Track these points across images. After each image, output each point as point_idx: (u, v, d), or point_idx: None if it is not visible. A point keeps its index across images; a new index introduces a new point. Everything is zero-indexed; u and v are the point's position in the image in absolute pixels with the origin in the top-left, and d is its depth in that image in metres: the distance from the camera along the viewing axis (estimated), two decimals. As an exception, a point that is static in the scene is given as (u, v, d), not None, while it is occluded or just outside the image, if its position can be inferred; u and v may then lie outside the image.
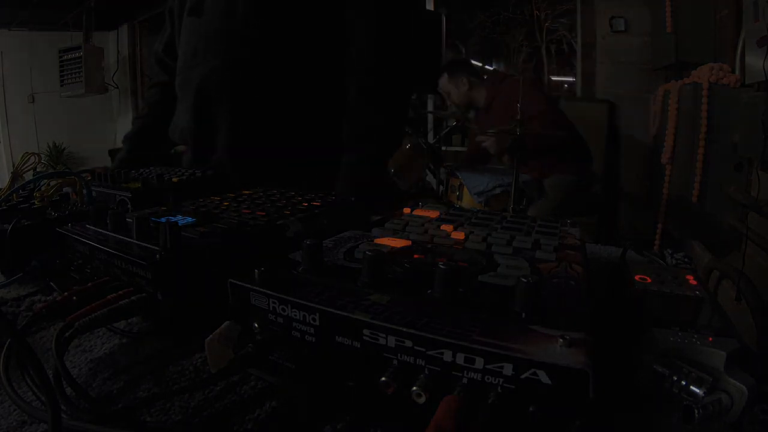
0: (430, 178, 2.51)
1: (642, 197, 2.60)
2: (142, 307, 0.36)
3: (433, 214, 0.49)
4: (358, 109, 0.84)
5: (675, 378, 0.26)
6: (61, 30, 3.86)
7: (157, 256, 0.36)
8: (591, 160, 2.15)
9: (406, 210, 0.51)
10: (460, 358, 0.24)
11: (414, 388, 0.24)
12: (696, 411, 0.25)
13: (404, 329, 0.25)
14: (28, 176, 0.72)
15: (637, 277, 0.37)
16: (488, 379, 0.23)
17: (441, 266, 0.28)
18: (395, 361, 0.25)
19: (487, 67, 4.20)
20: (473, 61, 3.13)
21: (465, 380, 0.24)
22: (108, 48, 4.18)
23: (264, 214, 0.49)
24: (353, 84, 0.84)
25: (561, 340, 0.23)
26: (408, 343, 0.25)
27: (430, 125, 3.58)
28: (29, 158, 0.74)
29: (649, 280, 0.36)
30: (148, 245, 0.38)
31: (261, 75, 0.84)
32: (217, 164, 0.88)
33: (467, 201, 2.05)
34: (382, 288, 0.29)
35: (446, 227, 0.44)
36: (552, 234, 0.43)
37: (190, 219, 0.45)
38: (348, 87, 0.84)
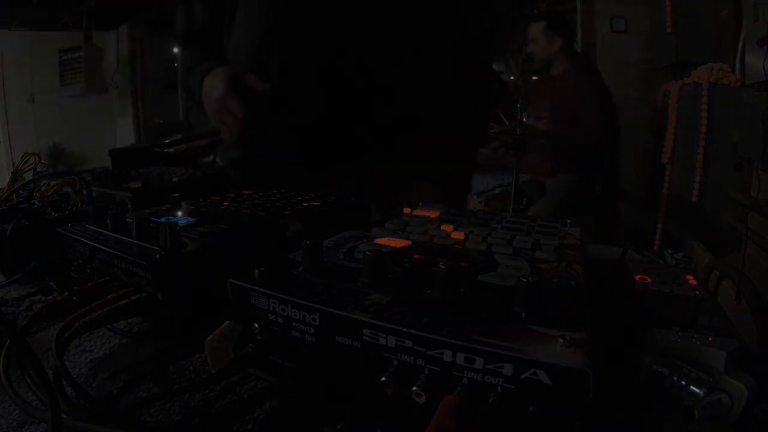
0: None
1: (642, 197, 2.59)
2: (142, 307, 0.36)
3: (433, 214, 0.49)
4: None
5: (675, 378, 0.26)
6: (61, 30, 3.84)
7: (157, 256, 0.36)
8: (602, 164, 2.14)
9: (406, 210, 0.51)
10: (460, 358, 0.24)
11: (414, 388, 0.24)
12: (696, 411, 0.25)
13: (404, 329, 0.25)
14: (28, 176, 0.72)
15: (637, 277, 0.37)
16: (488, 379, 0.23)
17: (441, 266, 0.28)
18: (395, 361, 0.25)
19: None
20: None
21: (465, 380, 0.24)
22: (108, 48, 4.17)
23: (264, 214, 0.49)
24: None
25: (561, 340, 0.23)
26: (408, 343, 0.25)
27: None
28: (29, 158, 0.74)
29: (649, 280, 0.36)
30: (148, 245, 0.38)
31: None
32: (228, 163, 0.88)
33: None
34: (382, 288, 0.29)
35: (446, 227, 0.44)
36: (552, 234, 0.43)
37: (190, 219, 0.45)
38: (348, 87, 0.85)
